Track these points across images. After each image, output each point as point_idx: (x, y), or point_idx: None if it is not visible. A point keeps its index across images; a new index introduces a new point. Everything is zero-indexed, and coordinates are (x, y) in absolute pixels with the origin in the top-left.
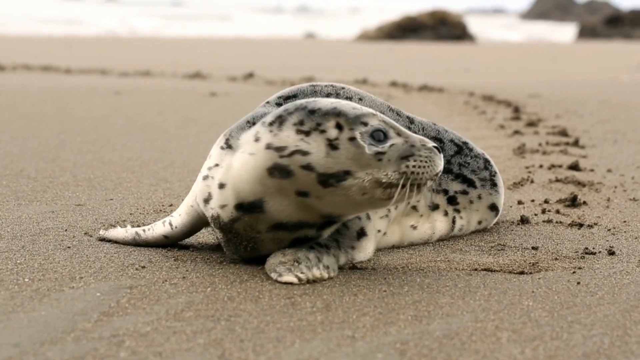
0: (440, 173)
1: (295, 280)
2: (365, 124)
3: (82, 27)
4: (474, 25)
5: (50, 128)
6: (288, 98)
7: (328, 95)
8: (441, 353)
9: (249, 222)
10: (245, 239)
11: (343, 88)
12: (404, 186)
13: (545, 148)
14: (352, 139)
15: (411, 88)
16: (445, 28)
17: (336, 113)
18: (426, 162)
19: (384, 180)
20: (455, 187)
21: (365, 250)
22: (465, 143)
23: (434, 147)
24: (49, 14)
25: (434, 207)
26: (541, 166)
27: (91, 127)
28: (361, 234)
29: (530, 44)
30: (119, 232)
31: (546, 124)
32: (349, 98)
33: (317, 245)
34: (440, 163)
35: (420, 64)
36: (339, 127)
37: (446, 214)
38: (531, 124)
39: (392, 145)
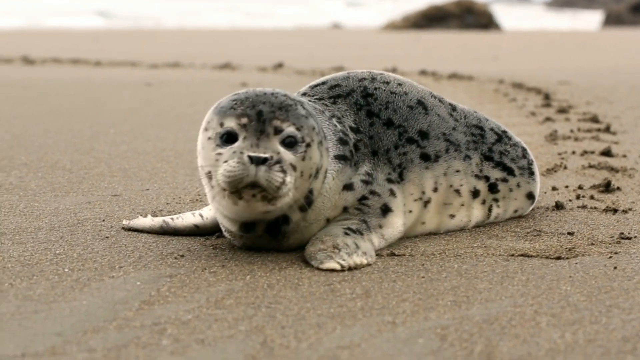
0: (258, 184)
1: (337, 266)
2: (222, 125)
3: (108, 20)
4: (500, 14)
5: (83, 120)
6: (316, 86)
7: (362, 80)
8: (481, 338)
9: None
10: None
11: (381, 74)
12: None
13: (577, 134)
14: (209, 138)
15: (440, 76)
16: (471, 17)
17: (211, 112)
18: (231, 170)
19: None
20: (496, 174)
21: (393, 226)
22: (504, 132)
23: (261, 158)
24: (76, 7)
25: (476, 194)
26: (574, 152)
27: (123, 119)
28: (385, 210)
29: (557, 32)
30: (144, 221)
31: (577, 110)
32: (387, 82)
33: (350, 230)
34: (249, 173)
35: (448, 52)
36: (207, 126)
37: (484, 202)
38: (562, 110)
39: (230, 148)
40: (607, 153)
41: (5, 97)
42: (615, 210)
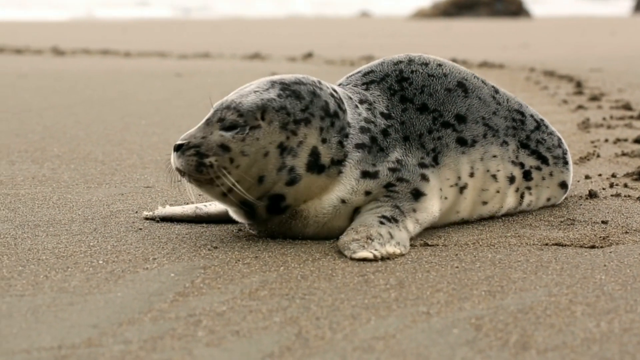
0: (180, 169)
1: (370, 255)
2: None
3: (135, 10)
4: (529, 0)
5: (114, 111)
6: (352, 75)
7: (398, 63)
8: (517, 327)
9: None
10: None
11: (420, 56)
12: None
13: (609, 122)
14: None
15: (471, 65)
16: (500, 4)
17: None
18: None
19: None
20: (530, 162)
21: (427, 210)
22: (542, 120)
23: (176, 145)
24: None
25: (512, 180)
26: (606, 140)
27: (154, 109)
28: (417, 194)
29: (587, 18)
30: (175, 209)
31: (609, 98)
32: (425, 64)
33: (385, 219)
34: (175, 161)
35: (478, 40)
36: None
37: (517, 189)
38: (594, 98)
39: None
40: None
41: (36, 88)
42: None
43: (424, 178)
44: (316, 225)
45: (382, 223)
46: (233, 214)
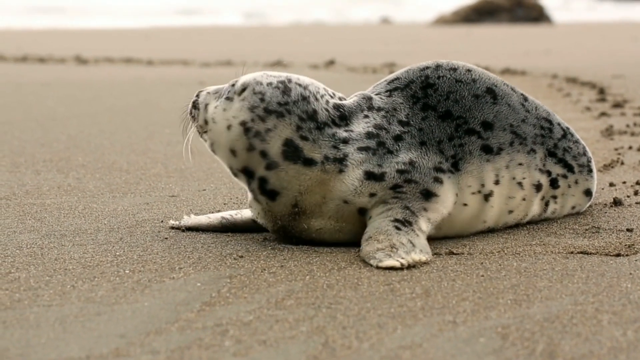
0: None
1: (397, 264)
2: None
3: (157, 18)
4: (550, 6)
5: (138, 120)
6: (379, 84)
7: (424, 69)
8: (543, 336)
9: None
10: None
11: (449, 62)
12: None
13: (633, 129)
14: None
15: (493, 72)
16: (522, 10)
17: None
18: None
19: None
20: (557, 170)
21: (438, 211)
22: (567, 128)
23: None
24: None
25: (539, 187)
26: (630, 147)
27: (178, 118)
28: (428, 194)
29: (609, 23)
30: (201, 219)
31: (632, 104)
32: (454, 69)
33: (399, 222)
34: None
35: (500, 47)
36: None
37: (543, 197)
38: (617, 105)
39: None
40: None
41: (60, 97)
42: None
43: (438, 181)
44: (321, 222)
45: (397, 228)
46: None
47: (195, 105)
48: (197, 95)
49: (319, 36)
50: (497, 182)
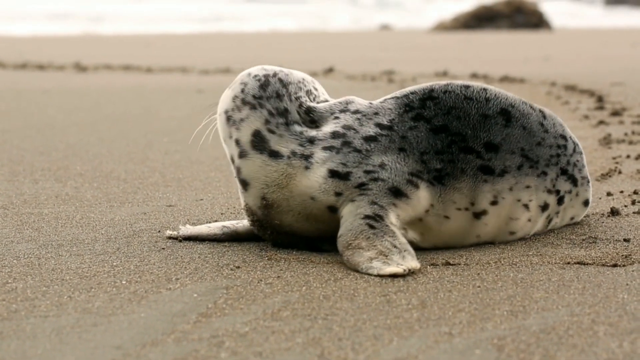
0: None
1: (400, 270)
2: None
3: (159, 25)
4: (550, 12)
5: (137, 129)
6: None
7: (435, 84)
8: (539, 348)
9: None
10: None
11: (464, 82)
12: None
13: (631, 138)
14: None
15: (492, 79)
16: (521, 16)
17: None
18: None
19: None
20: (566, 187)
21: (407, 211)
22: (571, 137)
23: None
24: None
25: (545, 208)
26: (628, 156)
27: (177, 126)
28: (397, 193)
29: (609, 30)
30: (201, 228)
31: (631, 112)
32: (466, 87)
33: (368, 218)
34: None
35: (499, 53)
36: None
37: (549, 215)
38: (616, 113)
39: None
40: None
41: (59, 105)
42: None
43: (412, 184)
44: (291, 215)
45: (371, 227)
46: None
47: None
48: None
49: (319, 42)
50: (494, 203)
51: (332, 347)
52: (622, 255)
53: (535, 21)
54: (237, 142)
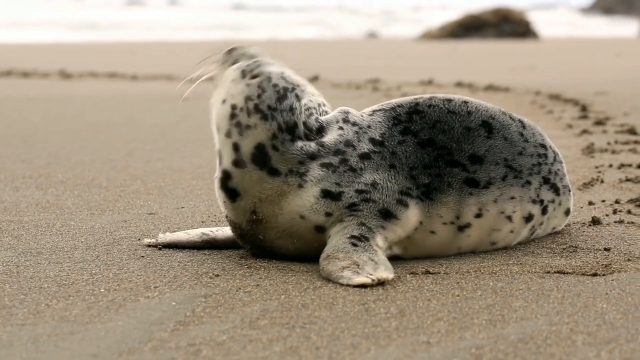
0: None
1: (368, 280)
2: None
3: (144, 32)
4: (537, 21)
5: (120, 136)
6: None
7: (419, 97)
8: (517, 357)
9: None
10: None
11: (446, 95)
12: None
13: (614, 147)
14: None
15: (477, 88)
16: (508, 25)
17: None
18: None
19: None
20: (549, 196)
21: (396, 233)
22: (551, 146)
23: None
24: (111, 20)
25: (529, 219)
26: (611, 165)
27: (160, 134)
28: (387, 215)
29: (594, 39)
30: (180, 235)
31: (614, 122)
32: (448, 100)
33: (355, 239)
34: None
35: (485, 62)
36: None
37: (532, 226)
38: (599, 122)
39: None
40: None
41: (43, 112)
42: None
43: (402, 203)
44: (276, 231)
45: (354, 245)
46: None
47: (230, 53)
48: (235, 49)
49: (305, 51)
50: (479, 216)
51: (310, 356)
52: (602, 265)
53: (522, 30)
54: (236, 146)
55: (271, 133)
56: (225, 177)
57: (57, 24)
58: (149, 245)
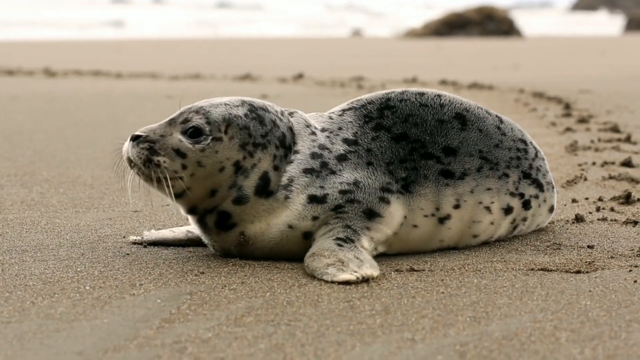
0: (131, 160)
1: (353, 277)
2: None
3: (129, 30)
4: (520, 19)
5: (105, 134)
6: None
7: (391, 92)
8: (500, 354)
9: None
10: None
11: (419, 89)
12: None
13: (597, 145)
14: None
15: (461, 86)
16: (492, 23)
17: None
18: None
19: None
20: (530, 191)
21: (381, 231)
22: (531, 142)
23: (133, 135)
24: (96, 18)
25: (508, 211)
26: (594, 163)
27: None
28: (371, 214)
29: (578, 37)
30: (165, 233)
31: (597, 120)
32: (421, 94)
33: (341, 240)
34: (129, 150)
35: (469, 61)
36: None
37: (514, 220)
38: (582, 120)
39: None
40: (627, 164)
41: (28, 110)
42: (635, 223)
43: (384, 200)
44: (264, 248)
45: (340, 245)
46: (191, 224)
47: (153, 153)
48: (149, 145)
49: (289, 49)
50: (457, 207)
51: (295, 353)
52: (586, 262)
53: (506, 28)
54: (241, 189)
55: (272, 156)
56: (223, 216)
57: (41, 22)
58: (134, 243)
